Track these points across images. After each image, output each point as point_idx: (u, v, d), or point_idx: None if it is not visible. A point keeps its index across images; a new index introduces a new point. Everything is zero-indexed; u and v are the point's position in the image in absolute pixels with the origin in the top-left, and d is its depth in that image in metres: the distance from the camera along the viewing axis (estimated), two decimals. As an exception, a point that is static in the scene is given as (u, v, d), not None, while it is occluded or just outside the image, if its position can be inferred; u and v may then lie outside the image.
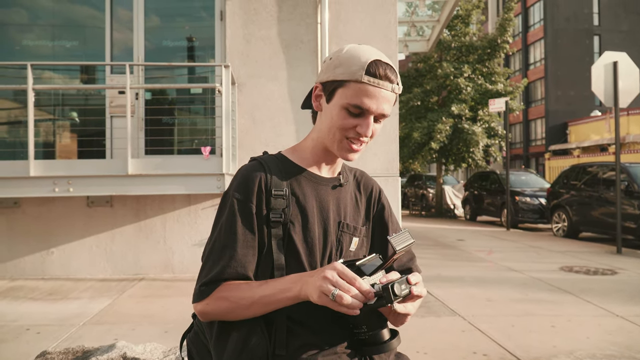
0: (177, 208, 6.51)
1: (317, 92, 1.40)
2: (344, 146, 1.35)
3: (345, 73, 1.29)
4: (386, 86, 1.28)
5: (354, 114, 1.31)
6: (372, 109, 1.29)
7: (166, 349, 3.09)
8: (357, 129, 1.32)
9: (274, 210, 1.33)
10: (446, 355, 3.66)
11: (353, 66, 1.29)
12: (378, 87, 1.28)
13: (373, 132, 1.34)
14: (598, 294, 5.60)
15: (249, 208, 1.33)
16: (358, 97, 1.28)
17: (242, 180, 1.37)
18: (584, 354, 3.66)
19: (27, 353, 3.48)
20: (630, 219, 10.04)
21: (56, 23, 7.21)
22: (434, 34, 12.99)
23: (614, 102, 8.78)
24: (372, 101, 1.28)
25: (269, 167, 1.39)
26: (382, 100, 1.29)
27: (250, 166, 1.40)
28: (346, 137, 1.34)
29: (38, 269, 6.37)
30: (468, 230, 13.54)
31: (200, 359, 1.42)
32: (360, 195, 1.54)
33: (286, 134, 6.55)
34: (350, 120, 1.31)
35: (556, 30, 39.39)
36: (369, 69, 1.27)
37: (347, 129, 1.33)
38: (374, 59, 1.28)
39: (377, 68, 1.28)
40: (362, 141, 1.35)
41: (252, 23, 6.68)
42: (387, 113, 1.32)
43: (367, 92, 1.28)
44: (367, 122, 1.31)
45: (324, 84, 1.37)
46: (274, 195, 1.34)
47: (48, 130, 7.13)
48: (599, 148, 28.44)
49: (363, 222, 1.50)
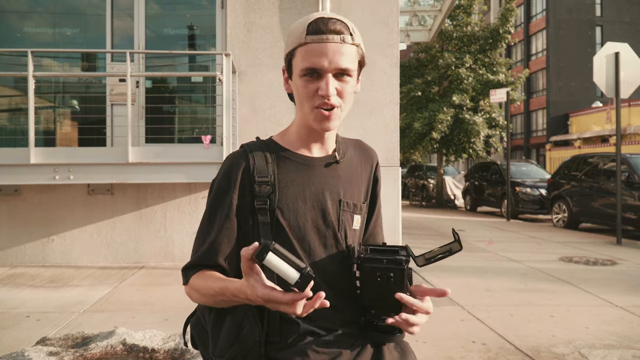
0: (177, 196, 6.52)
1: (285, 75, 1.37)
2: (317, 116, 1.29)
3: (292, 42, 1.27)
4: (333, 38, 1.23)
5: (312, 78, 1.26)
6: (324, 67, 1.23)
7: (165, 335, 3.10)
8: (319, 91, 1.25)
9: (259, 197, 1.32)
10: (445, 344, 3.67)
11: (296, 32, 1.26)
12: (324, 42, 1.23)
13: (340, 91, 1.27)
14: (597, 285, 5.61)
15: (229, 197, 1.33)
16: (307, 59, 1.24)
17: (225, 169, 1.36)
18: (582, 344, 3.67)
19: (27, 340, 3.49)
20: (630, 209, 10.05)
21: (57, 10, 7.18)
22: (436, 23, 12.93)
23: (615, 93, 8.75)
24: (322, 58, 1.23)
25: (253, 153, 1.36)
26: (332, 55, 1.23)
27: (234, 154, 1.39)
28: (315, 106, 1.28)
29: (39, 257, 6.38)
30: (468, 221, 13.54)
31: (201, 343, 1.43)
32: (362, 167, 1.51)
33: (286, 122, 6.51)
34: (311, 86, 1.26)
35: (558, 21, 39.22)
36: (309, 28, 1.23)
37: (311, 97, 1.27)
38: (314, 18, 1.25)
39: (318, 25, 1.23)
40: (332, 104, 1.26)
41: (253, 11, 6.65)
42: (343, 66, 1.25)
43: (313, 51, 1.23)
44: (326, 81, 1.24)
45: (285, 63, 1.35)
46: (258, 182, 1.32)
47: (49, 117, 7.12)
48: (600, 139, 28.37)
49: (364, 198, 1.48)
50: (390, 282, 1.25)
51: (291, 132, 1.43)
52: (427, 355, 3.42)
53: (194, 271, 1.34)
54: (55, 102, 7.11)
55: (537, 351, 3.53)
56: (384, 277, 1.25)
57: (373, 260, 1.27)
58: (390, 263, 1.26)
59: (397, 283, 1.25)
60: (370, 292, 1.28)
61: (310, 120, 1.31)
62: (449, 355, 3.44)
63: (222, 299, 1.23)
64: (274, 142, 1.42)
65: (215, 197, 1.35)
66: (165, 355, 2.88)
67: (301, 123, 1.38)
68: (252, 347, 1.27)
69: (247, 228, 1.33)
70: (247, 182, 1.33)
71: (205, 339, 1.40)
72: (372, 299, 1.29)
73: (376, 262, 1.27)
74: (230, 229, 1.33)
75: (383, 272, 1.25)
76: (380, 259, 1.27)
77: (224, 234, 1.32)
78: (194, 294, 1.32)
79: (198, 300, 1.34)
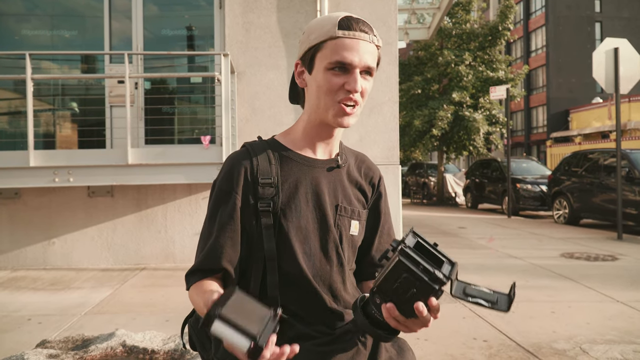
0: (177, 198, 6.52)
1: (299, 68, 1.36)
2: (338, 111, 1.28)
3: (320, 35, 1.27)
4: (363, 37, 1.25)
5: (339, 72, 1.26)
6: (354, 62, 1.24)
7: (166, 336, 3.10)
8: (346, 86, 1.25)
9: (262, 199, 1.31)
10: (447, 341, 3.67)
11: (325, 26, 1.26)
12: (355, 39, 1.24)
13: (363, 90, 1.28)
14: (598, 280, 5.61)
15: (232, 198, 1.31)
16: (338, 53, 1.24)
17: (227, 169, 1.35)
18: (584, 339, 3.67)
19: (28, 343, 3.49)
20: (631, 205, 10.04)
21: (55, 13, 7.18)
22: (435, 21, 12.91)
23: (614, 88, 8.75)
24: (353, 53, 1.24)
25: (256, 154, 1.35)
26: (363, 52, 1.25)
27: (237, 154, 1.38)
28: (337, 100, 1.27)
29: (39, 260, 6.38)
30: (469, 218, 13.54)
31: (200, 344, 1.42)
32: (361, 178, 1.49)
33: (286, 122, 6.54)
34: (337, 80, 1.26)
35: (557, 17, 39.22)
36: (341, 23, 1.25)
37: (335, 91, 1.27)
38: (344, 15, 1.27)
39: (350, 22, 1.25)
40: (355, 100, 1.27)
41: (251, 11, 6.64)
42: (371, 65, 1.27)
43: (345, 46, 1.24)
44: (354, 76, 1.25)
45: (302, 57, 1.34)
46: (261, 184, 1.31)
47: (48, 120, 7.12)
48: (600, 135, 28.35)
49: (363, 206, 1.47)
50: (412, 292, 1.09)
51: (296, 130, 1.42)
52: (428, 352, 3.42)
53: (195, 278, 1.33)
54: (54, 105, 7.11)
55: (538, 347, 3.53)
56: (408, 283, 1.08)
57: (410, 258, 1.07)
58: (425, 273, 1.07)
59: (418, 296, 1.08)
60: (387, 285, 1.11)
61: (329, 114, 1.30)
62: (450, 353, 3.44)
63: None
64: (276, 142, 1.41)
65: (218, 199, 1.34)
66: (165, 356, 2.88)
67: (311, 123, 1.37)
68: None
69: (250, 230, 1.32)
70: (251, 183, 1.32)
71: (205, 340, 1.39)
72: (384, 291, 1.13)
73: (412, 261, 1.07)
74: (233, 231, 1.31)
75: (410, 278, 1.07)
76: (418, 262, 1.07)
77: (227, 236, 1.30)
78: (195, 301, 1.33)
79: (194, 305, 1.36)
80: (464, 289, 1.15)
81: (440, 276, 1.07)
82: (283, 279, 1.30)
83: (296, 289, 1.31)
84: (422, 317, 1.09)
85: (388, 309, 1.11)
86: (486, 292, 1.16)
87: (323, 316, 1.33)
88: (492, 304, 1.14)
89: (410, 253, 1.07)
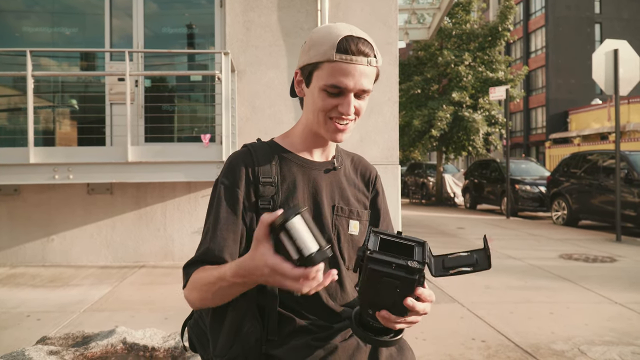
0: (177, 196, 6.52)
1: (298, 77, 1.38)
2: (330, 127, 1.32)
3: (318, 54, 1.27)
4: (361, 61, 1.25)
5: (333, 94, 1.28)
6: (349, 87, 1.26)
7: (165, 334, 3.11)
8: (339, 108, 1.29)
9: (263, 198, 1.33)
10: (445, 341, 3.67)
11: (324, 46, 1.26)
12: (352, 64, 1.25)
13: (357, 109, 1.31)
14: (597, 282, 5.62)
15: (235, 193, 1.32)
16: (334, 77, 1.25)
17: (229, 167, 1.36)
18: (582, 340, 3.68)
19: (28, 339, 3.49)
20: (629, 206, 10.05)
21: (55, 10, 7.18)
22: (435, 21, 12.91)
23: (614, 90, 8.75)
24: (349, 79, 1.25)
25: (257, 154, 1.38)
26: (359, 76, 1.26)
27: (238, 154, 1.40)
28: (330, 117, 1.31)
29: (39, 256, 6.38)
30: (468, 219, 13.55)
31: (200, 345, 1.43)
32: (357, 179, 1.53)
33: (286, 121, 6.54)
34: (330, 101, 1.29)
35: (557, 18, 39.23)
36: (339, 46, 1.24)
37: (329, 110, 1.30)
38: (344, 35, 1.26)
39: (349, 44, 1.25)
40: (348, 119, 1.31)
41: (251, 10, 6.64)
42: (366, 88, 1.29)
43: (341, 71, 1.25)
44: (348, 100, 1.28)
45: (301, 68, 1.35)
46: (262, 183, 1.34)
47: (48, 117, 7.12)
48: (599, 136, 28.39)
49: (364, 206, 1.49)
50: (396, 292, 1.07)
51: (295, 134, 1.45)
52: (427, 352, 3.43)
53: (195, 268, 1.29)
54: (54, 102, 7.11)
55: (537, 348, 3.54)
56: (390, 285, 1.06)
57: (380, 262, 1.05)
58: (399, 269, 1.05)
59: (404, 293, 1.07)
60: (371, 295, 1.10)
61: (322, 129, 1.34)
62: (449, 353, 3.45)
63: (222, 285, 1.17)
64: (276, 144, 1.44)
65: (220, 193, 1.34)
66: (165, 353, 2.89)
67: (308, 128, 1.40)
68: (253, 346, 1.27)
69: (250, 226, 1.33)
70: (252, 181, 1.34)
71: (204, 340, 1.40)
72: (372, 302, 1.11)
73: (383, 264, 1.05)
74: (235, 224, 1.31)
75: (389, 280, 1.06)
76: (389, 262, 1.05)
77: (230, 229, 1.30)
78: (194, 293, 1.26)
79: (196, 300, 1.27)
80: (442, 263, 1.14)
81: (415, 265, 1.05)
82: None
83: None
84: (417, 309, 1.09)
85: (383, 317, 1.10)
86: (464, 256, 1.15)
87: (320, 312, 1.34)
88: (473, 267, 1.14)
89: (377, 257, 1.06)
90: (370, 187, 1.54)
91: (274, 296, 1.29)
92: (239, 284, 1.15)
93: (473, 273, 1.14)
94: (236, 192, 1.32)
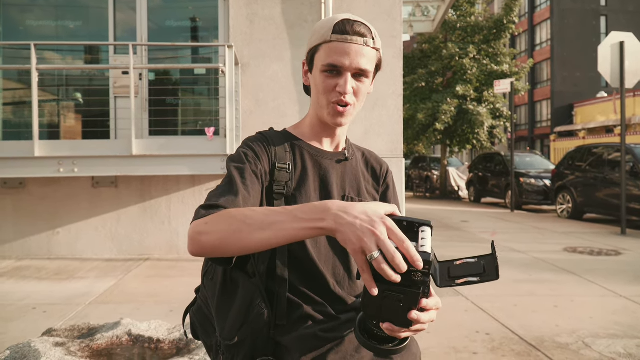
0: (181, 189, 6.53)
1: (305, 68, 1.43)
2: (331, 111, 1.35)
3: (318, 38, 1.33)
4: (357, 40, 1.29)
5: (332, 74, 1.32)
6: (345, 65, 1.29)
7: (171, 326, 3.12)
8: (337, 88, 1.32)
9: (277, 183, 1.34)
10: (449, 334, 3.68)
11: (323, 29, 1.32)
12: (347, 42, 1.29)
13: (356, 90, 1.34)
14: (602, 275, 5.61)
15: (257, 164, 1.31)
16: (330, 56, 1.30)
17: (249, 145, 1.37)
18: (586, 334, 3.68)
19: (34, 331, 3.51)
20: (635, 200, 10.02)
21: (59, 3, 7.19)
22: (439, 14, 12.88)
23: (620, 82, 8.72)
24: (344, 57, 1.29)
25: (273, 140, 1.40)
26: (355, 55, 1.29)
27: (255, 138, 1.41)
28: (331, 101, 1.34)
29: (44, 249, 6.41)
30: (472, 212, 13.54)
31: (204, 331, 1.43)
32: (368, 172, 1.55)
33: (290, 114, 6.54)
34: (330, 82, 1.32)
35: (563, 11, 38.97)
36: (335, 27, 1.29)
37: (329, 92, 1.33)
38: (342, 19, 1.31)
39: (344, 25, 1.29)
40: (347, 102, 1.33)
41: (255, 3, 6.63)
42: (364, 67, 1.31)
43: (337, 50, 1.29)
44: (345, 78, 1.30)
45: (306, 57, 1.40)
46: (278, 168, 1.35)
47: (52, 110, 7.14)
48: (604, 129, 28.25)
49: (374, 199, 1.50)
50: (399, 305, 1.00)
51: (305, 124, 1.48)
52: (431, 345, 3.44)
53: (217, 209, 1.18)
54: (58, 95, 7.12)
55: (541, 341, 3.54)
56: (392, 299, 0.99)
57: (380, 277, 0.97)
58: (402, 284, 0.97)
59: (408, 306, 1.00)
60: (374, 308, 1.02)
61: (325, 113, 1.37)
62: (453, 345, 3.45)
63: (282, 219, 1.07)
64: (288, 133, 1.47)
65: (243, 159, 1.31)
66: (171, 345, 2.90)
67: (315, 116, 1.43)
68: (262, 329, 1.26)
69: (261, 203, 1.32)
70: (268, 164, 1.35)
71: (208, 326, 1.40)
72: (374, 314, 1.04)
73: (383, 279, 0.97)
74: (257, 190, 1.28)
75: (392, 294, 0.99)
76: None
77: (253, 189, 1.26)
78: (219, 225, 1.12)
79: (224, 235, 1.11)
80: (448, 272, 1.06)
81: (419, 279, 0.97)
82: (291, 260, 1.32)
83: (303, 271, 1.33)
84: (421, 321, 1.02)
85: (387, 329, 1.04)
86: (471, 264, 1.07)
87: (328, 298, 1.35)
88: (481, 277, 1.05)
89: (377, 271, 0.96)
90: (381, 181, 1.56)
91: (283, 280, 1.30)
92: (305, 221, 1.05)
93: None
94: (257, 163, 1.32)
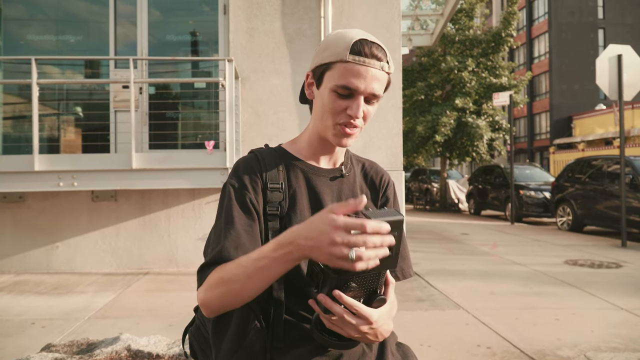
0: (181, 202, 6.53)
1: (309, 80, 1.37)
2: (337, 132, 1.31)
3: (331, 55, 1.27)
4: (373, 64, 1.25)
5: (343, 96, 1.27)
6: (360, 89, 1.25)
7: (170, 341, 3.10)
8: (348, 111, 1.27)
9: (271, 203, 1.32)
10: (450, 348, 3.66)
11: (338, 47, 1.26)
12: (364, 65, 1.24)
13: (365, 114, 1.30)
14: (602, 287, 5.59)
15: (247, 195, 1.30)
16: (345, 78, 1.25)
17: (239, 171, 1.34)
18: (588, 347, 3.66)
19: (32, 346, 3.49)
20: (635, 212, 10.01)
21: (60, 18, 7.22)
22: (438, 27, 12.93)
23: (618, 95, 8.75)
24: (360, 80, 1.24)
25: (264, 160, 1.37)
26: (370, 79, 1.25)
27: (246, 159, 1.38)
28: (338, 122, 1.30)
29: (43, 264, 6.39)
30: (472, 224, 13.52)
31: (202, 352, 1.41)
32: (367, 186, 1.50)
33: (290, 128, 6.56)
34: (340, 103, 1.28)
35: (560, 24, 39.21)
36: (353, 47, 1.24)
37: (338, 113, 1.29)
38: (359, 38, 1.25)
39: (363, 46, 1.24)
40: (355, 125, 1.30)
41: (255, 17, 6.67)
42: (377, 93, 1.27)
43: (353, 72, 1.24)
44: (357, 102, 1.26)
45: (313, 70, 1.34)
46: (270, 189, 1.32)
47: (52, 124, 7.15)
48: (603, 141, 28.34)
49: None
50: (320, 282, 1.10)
51: (302, 140, 1.44)
52: (432, 359, 3.42)
53: (211, 269, 1.22)
54: (59, 109, 7.14)
55: (543, 354, 3.52)
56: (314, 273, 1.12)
57: None
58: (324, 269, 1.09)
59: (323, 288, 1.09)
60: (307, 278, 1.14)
61: (329, 133, 1.33)
62: (454, 359, 3.43)
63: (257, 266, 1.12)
64: (283, 150, 1.43)
65: (231, 194, 1.30)
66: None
67: (315, 133, 1.39)
68: (258, 353, 1.24)
69: (260, 231, 1.31)
70: (260, 187, 1.32)
71: (206, 347, 1.39)
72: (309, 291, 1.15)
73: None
74: (249, 225, 1.27)
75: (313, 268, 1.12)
76: None
77: (245, 230, 1.26)
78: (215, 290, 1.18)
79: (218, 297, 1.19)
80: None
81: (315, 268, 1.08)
82: (286, 281, 1.29)
83: (298, 291, 1.30)
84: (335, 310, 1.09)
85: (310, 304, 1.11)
86: None
87: None
88: None
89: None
90: (380, 193, 1.52)
91: (280, 302, 1.28)
92: (279, 258, 1.10)
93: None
94: (247, 194, 1.30)
